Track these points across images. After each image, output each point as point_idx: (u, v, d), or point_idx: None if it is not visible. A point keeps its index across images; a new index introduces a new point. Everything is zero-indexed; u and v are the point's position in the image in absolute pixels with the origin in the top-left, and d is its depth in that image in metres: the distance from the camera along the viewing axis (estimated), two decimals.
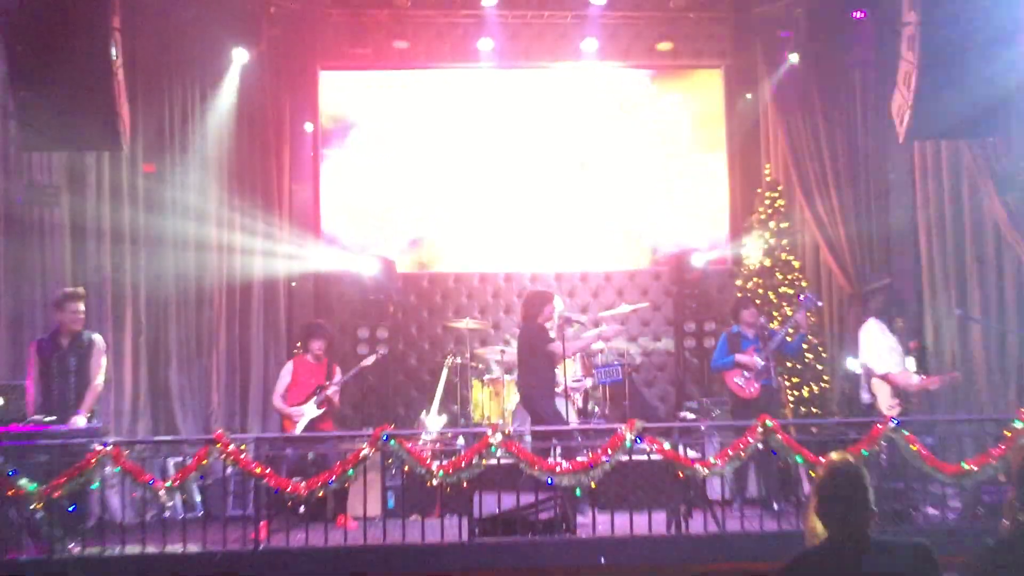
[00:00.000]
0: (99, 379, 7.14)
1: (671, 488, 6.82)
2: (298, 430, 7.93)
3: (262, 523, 6.82)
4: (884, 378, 7.55)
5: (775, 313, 9.41)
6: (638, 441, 6.42)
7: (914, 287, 9.57)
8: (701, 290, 10.08)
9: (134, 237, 8.95)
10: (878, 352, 7.64)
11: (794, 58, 9.65)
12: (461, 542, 6.55)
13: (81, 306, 7.13)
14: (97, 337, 7.26)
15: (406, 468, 6.69)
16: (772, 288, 9.65)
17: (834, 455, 3.32)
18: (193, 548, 6.47)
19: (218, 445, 6.45)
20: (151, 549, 6.49)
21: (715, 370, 8.28)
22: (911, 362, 8.22)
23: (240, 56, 9.36)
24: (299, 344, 8.76)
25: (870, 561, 3.09)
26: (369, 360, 8.53)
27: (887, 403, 7.50)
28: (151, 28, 8.99)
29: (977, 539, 3.48)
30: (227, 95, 9.49)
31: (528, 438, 7.37)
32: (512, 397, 8.58)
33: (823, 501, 3.17)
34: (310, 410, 8.05)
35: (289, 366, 8.35)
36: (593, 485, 6.42)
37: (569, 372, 8.42)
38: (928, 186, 9.41)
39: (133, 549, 6.46)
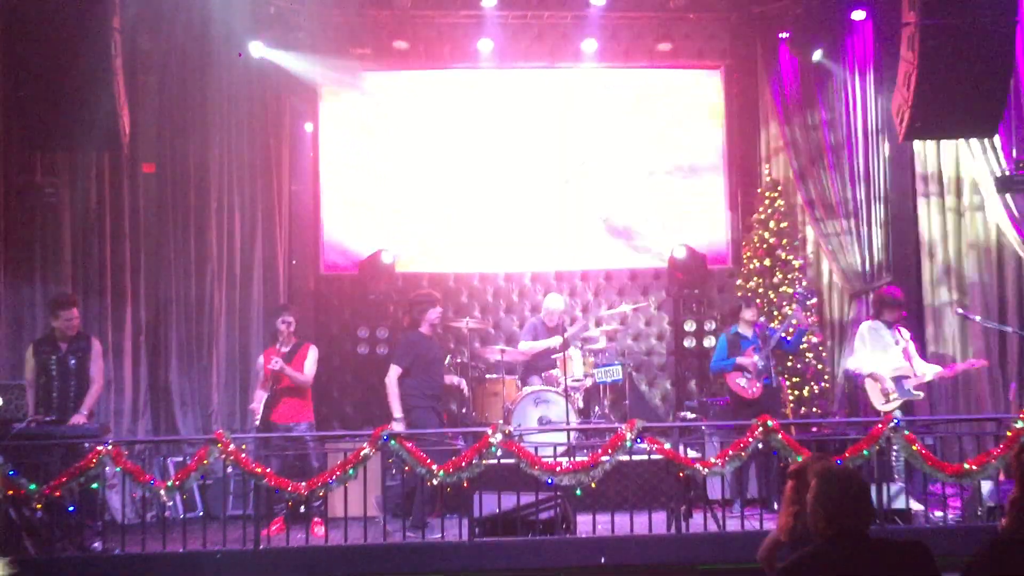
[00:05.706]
0: (100, 380, 7.14)
1: (671, 488, 6.82)
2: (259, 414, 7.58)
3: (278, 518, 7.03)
4: (871, 376, 7.63)
5: (775, 313, 9.42)
6: (638, 441, 6.43)
7: (914, 287, 9.57)
8: (701, 290, 10.09)
9: (134, 237, 8.95)
10: (865, 354, 7.70)
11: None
12: (461, 542, 6.56)
13: (73, 312, 7.11)
14: (95, 340, 7.28)
15: (407, 468, 6.69)
16: (772, 288, 9.65)
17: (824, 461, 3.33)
18: (193, 548, 6.48)
19: (218, 445, 6.45)
20: (151, 549, 6.50)
21: (715, 372, 8.29)
22: (920, 363, 8.13)
23: (240, 56, 9.34)
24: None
25: (869, 561, 3.09)
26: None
27: (879, 401, 7.58)
28: (151, 28, 9.00)
29: (977, 539, 3.48)
30: (227, 95, 9.49)
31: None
32: (512, 396, 8.58)
33: (824, 503, 3.16)
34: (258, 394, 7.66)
35: (260, 360, 7.94)
36: (593, 485, 6.42)
37: (569, 372, 8.43)
38: (928, 186, 9.41)
39: (133, 549, 6.47)
